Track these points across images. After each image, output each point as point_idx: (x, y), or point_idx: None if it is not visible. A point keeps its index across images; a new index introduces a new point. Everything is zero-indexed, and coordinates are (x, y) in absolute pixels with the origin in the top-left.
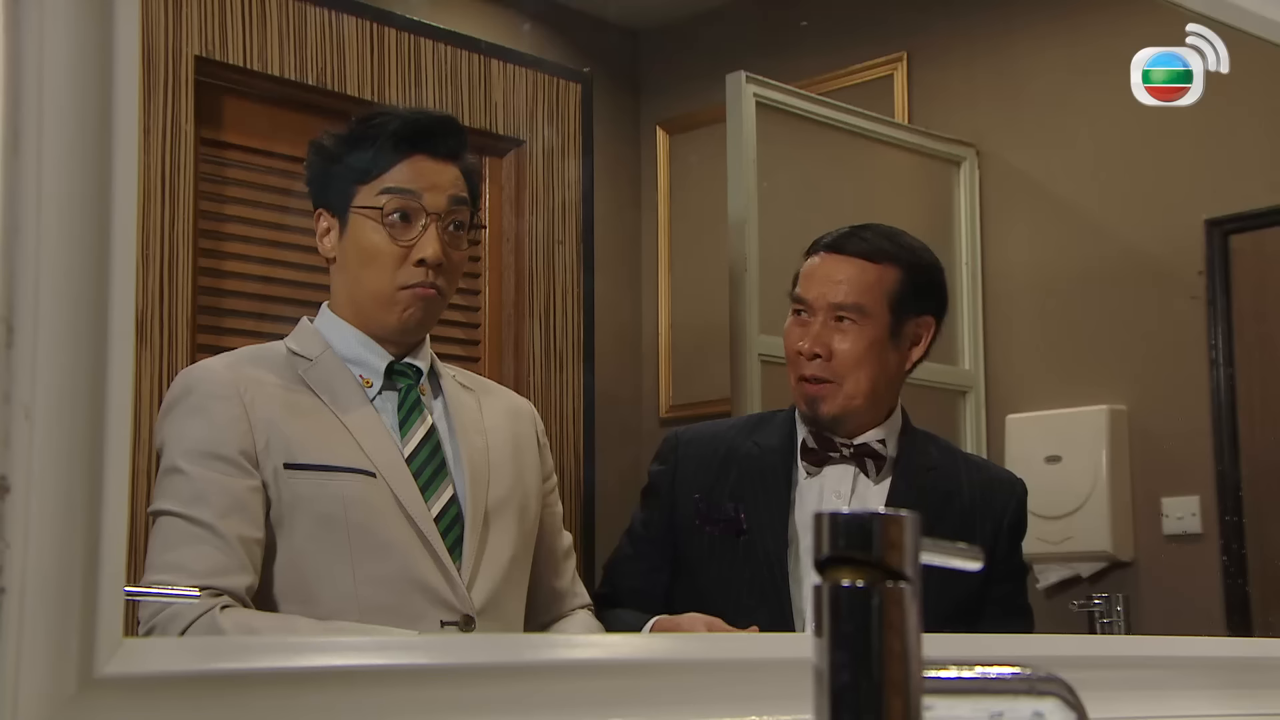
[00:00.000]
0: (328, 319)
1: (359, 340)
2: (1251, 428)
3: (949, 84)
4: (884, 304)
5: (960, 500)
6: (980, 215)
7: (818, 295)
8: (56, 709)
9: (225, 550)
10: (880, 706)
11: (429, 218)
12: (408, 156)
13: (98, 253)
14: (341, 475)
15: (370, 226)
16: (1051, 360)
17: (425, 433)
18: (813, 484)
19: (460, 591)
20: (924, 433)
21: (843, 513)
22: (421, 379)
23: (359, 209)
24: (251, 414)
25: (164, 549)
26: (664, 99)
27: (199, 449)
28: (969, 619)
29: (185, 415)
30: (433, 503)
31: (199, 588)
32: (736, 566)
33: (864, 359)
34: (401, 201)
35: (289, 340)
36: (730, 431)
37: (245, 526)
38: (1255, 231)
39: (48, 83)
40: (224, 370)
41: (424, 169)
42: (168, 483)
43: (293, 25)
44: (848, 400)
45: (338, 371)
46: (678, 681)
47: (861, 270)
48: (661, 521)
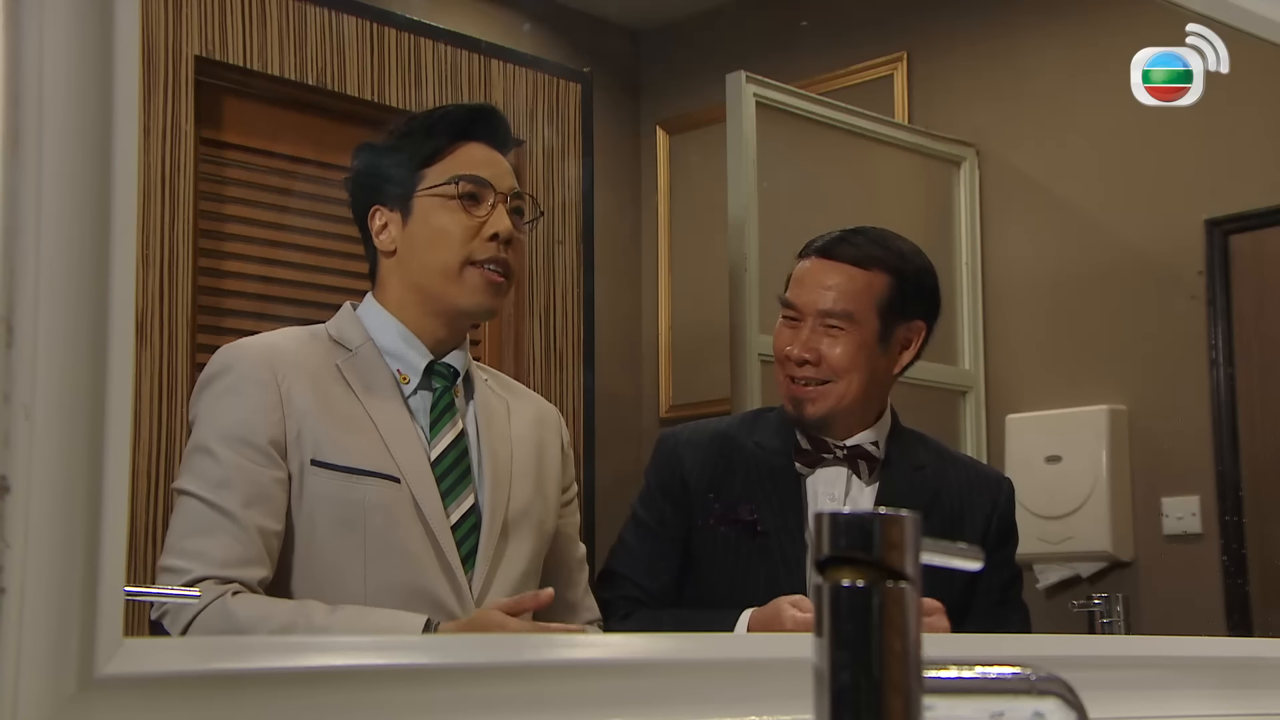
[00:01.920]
0: (372, 308)
1: (401, 335)
2: (1251, 428)
3: (949, 84)
4: (873, 310)
5: (949, 499)
6: (980, 215)
7: (807, 301)
8: (56, 709)
9: (244, 540)
10: (880, 706)
11: (498, 197)
12: (471, 143)
13: (98, 253)
14: (366, 480)
15: (440, 206)
16: (1051, 360)
17: (455, 437)
18: (807, 485)
19: (468, 605)
20: (913, 432)
21: (843, 513)
22: (457, 381)
23: (427, 191)
24: (286, 403)
25: (184, 534)
26: (664, 99)
27: (231, 432)
28: (962, 617)
29: (221, 394)
30: (453, 510)
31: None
32: (752, 566)
33: (852, 364)
34: (471, 184)
35: (330, 325)
36: (727, 431)
37: (266, 518)
38: (1255, 231)
39: (48, 83)
40: (264, 352)
41: (487, 156)
42: (195, 461)
43: (293, 25)
44: (836, 403)
45: (376, 365)
46: (678, 681)
47: (850, 277)
48: (677, 520)
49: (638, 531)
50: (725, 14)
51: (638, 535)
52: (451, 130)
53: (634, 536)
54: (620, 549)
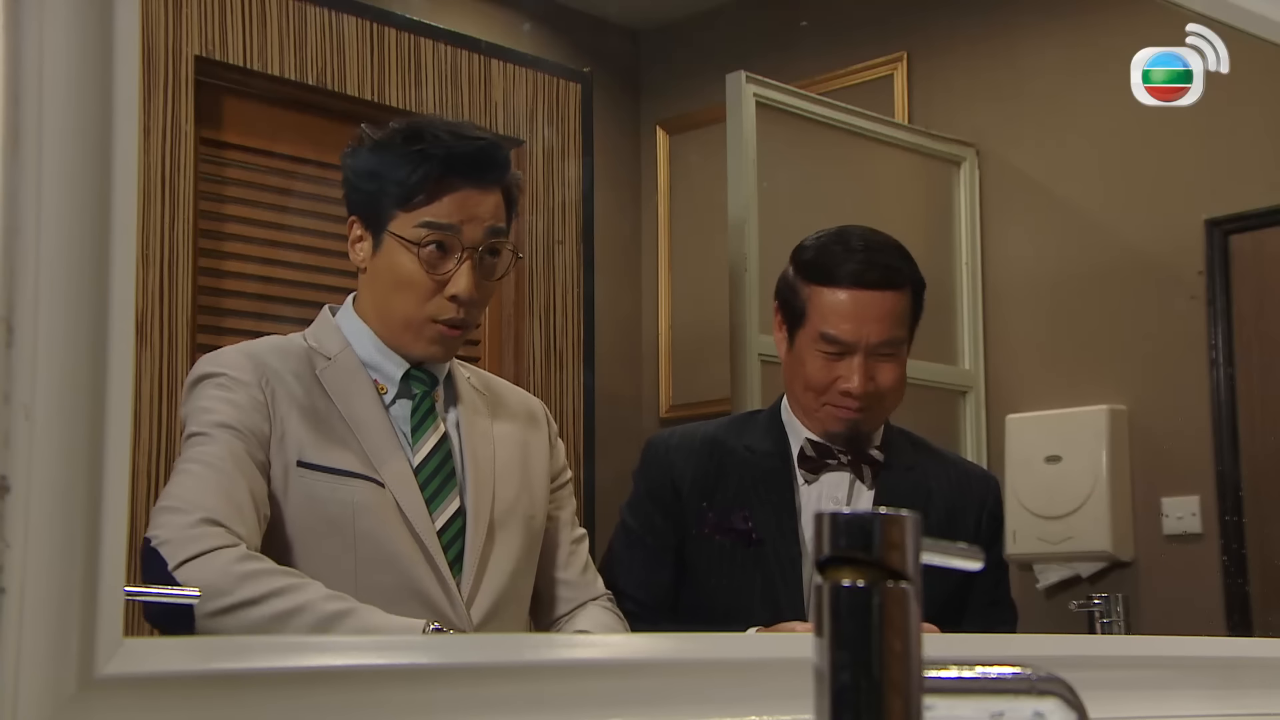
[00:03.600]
0: (350, 317)
1: (377, 347)
2: (1251, 428)
3: (949, 84)
4: (909, 328)
5: (941, 497)
6: (980, 215)
7: (859, 337)
8: (56, 709)
9: (240, 496)
10: (880, 706)
11: (465, 252)
12: (451, 187)
13: (98, 253)
14: (352, 481)
15: (405, 255)
16: (1051, 360)
17: (437, 441)
18: (810, 491)
19: (459, 608)
20: (899, 430)
21: (843, 513)
22: (437, 385)
23: (395, 235)
24: (272, 406)
25: (179, 486)
26: (664, 99)
27: (224, 421)
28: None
29: (211, 390)
30: (438, 515)
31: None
32: (749, 573)
33: (901, 382)
34: (439, 235)
35: (309, 333)
36: (716, 435)
37: (257, 488)
38: (1255, 231)
39: (48, 83)
40: (246, 360)
41: (466, 200)
42: (189, 444)
43: (293, 25)
44: (882, 418)
45: (354, 374)
46: (678, 681)
47: (893, 303)
48: (668, 528)
49: (628, 540)
50: (725, 14)
51: (629, 545)
52: (436, 172)
53: (624, 546)
54: (611, 560)
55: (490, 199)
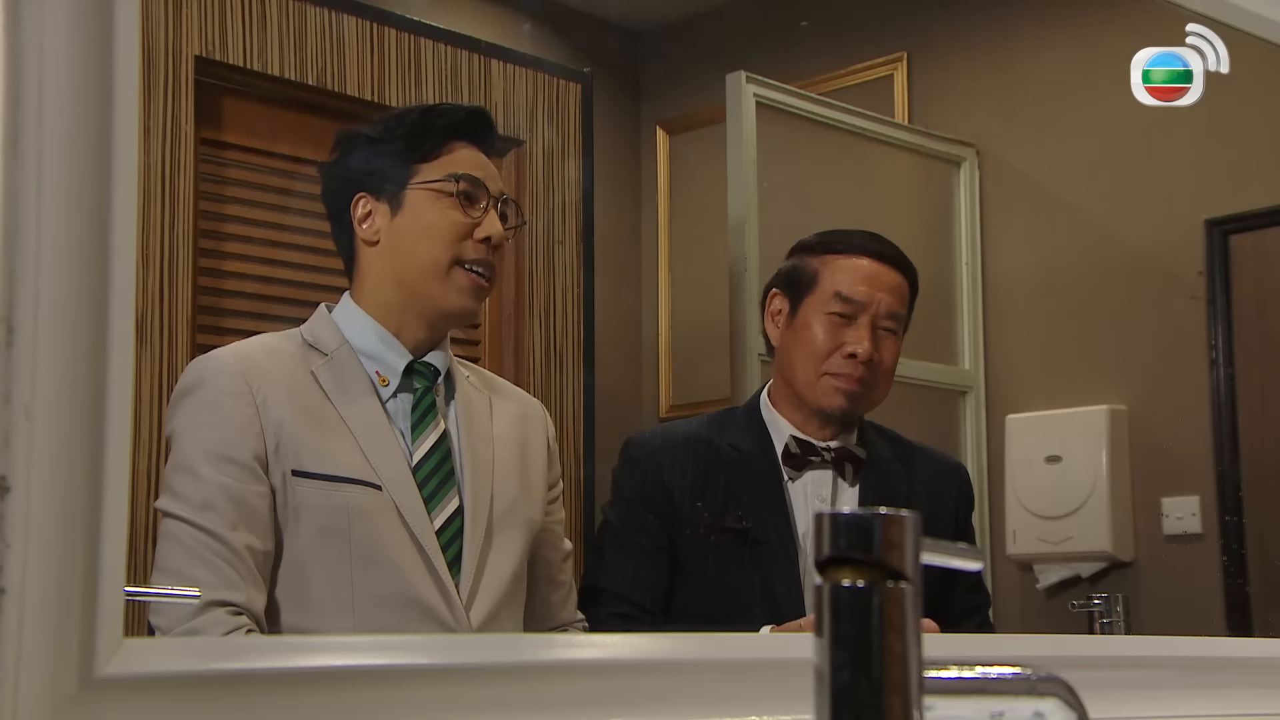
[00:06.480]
0: (349, 310)
1: (379, 335)
2: (1251, 428)
3: (949, 84)
4: (908, 314)
5: (921, 489)
6: (980, 215)
7: (873, 300)
8: (56, 709)
9: (235, 563)
10: (880, 706)
11: (491, 200)
12: (464, 143)
13: (98, 253)
14: (347, 486)
15: (435, 201)
16: (1051, 360)
17: (437, 439)
18: (796, 489)
19: (458, 612)
20: (873, 424)
21: (843, 513)
22: (438, 380)
23: (422, 185)
24: (264, 414)
25: (173, 560)
26: (664, 99)
27: (212, 450)
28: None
29: (198, 409)
30: (436, 515)
31: (218, 604)
32: (747, 572)
33: (894, 367)
34: (468, 184)
35: (305, 329)
36: (697, 433)
37: (254, 537)
38: (1255, 231)
39: (48, 83)
40: (237, 364)
41: (479, 159)
42: (178, 481)
43: (293, 25)
44: (870, 404)
45: (352, 369)
46: (678, 681)
47: (899, 280)
48: (661, 530)
49: (618, 544)
50: (725, 14)
51: (619, 548)
52: (447, 129)
53: (614, 550)
54: (599, 563)
55: (495, 164)
